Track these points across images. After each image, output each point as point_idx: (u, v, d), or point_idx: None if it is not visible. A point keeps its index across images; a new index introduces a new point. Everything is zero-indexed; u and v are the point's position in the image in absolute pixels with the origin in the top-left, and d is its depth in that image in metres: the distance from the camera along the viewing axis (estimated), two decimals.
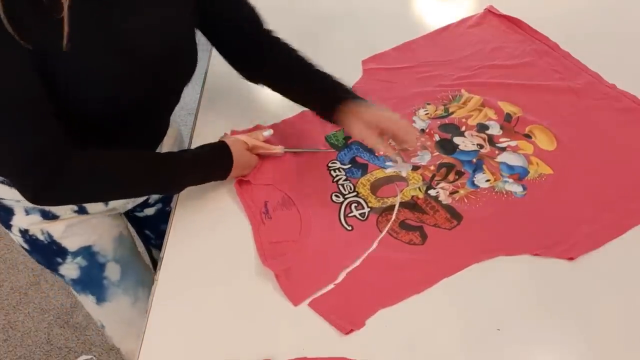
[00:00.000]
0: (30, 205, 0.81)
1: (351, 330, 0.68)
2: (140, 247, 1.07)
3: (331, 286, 0.73)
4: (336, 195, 0.84)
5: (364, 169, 0.88)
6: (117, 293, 0.94)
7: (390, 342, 0.67)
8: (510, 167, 0.87)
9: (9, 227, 0.86)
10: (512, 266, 0.73)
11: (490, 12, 1.21)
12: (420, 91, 1.03)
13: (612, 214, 0.78)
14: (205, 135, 0.94)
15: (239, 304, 0.72)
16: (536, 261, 0.74)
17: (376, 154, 0.90)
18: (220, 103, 1.03)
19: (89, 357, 1.53)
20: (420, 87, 1.04)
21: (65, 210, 0.84)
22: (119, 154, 0.73)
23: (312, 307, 0.71)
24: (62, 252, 0.87)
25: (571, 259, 0.73)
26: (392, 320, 0.69)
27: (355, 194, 0.84)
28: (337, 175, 0.88)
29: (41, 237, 0.85)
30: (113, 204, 0.89)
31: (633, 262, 0.73)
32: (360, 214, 0.82)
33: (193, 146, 0.94)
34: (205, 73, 1.09)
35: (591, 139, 0.90)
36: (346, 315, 0.69)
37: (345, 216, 0.82)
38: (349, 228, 0.80)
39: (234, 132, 0.95)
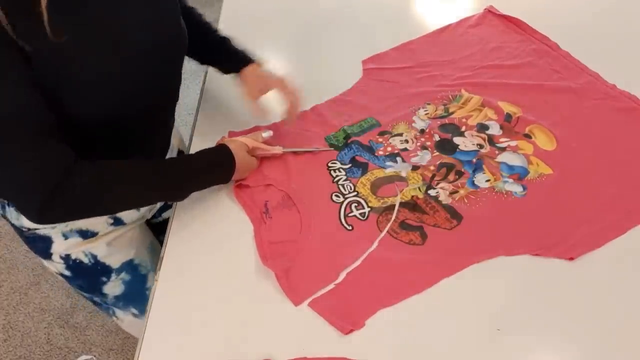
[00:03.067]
0: (66, 228, 0.81)
1: (351, 330, 0.68)
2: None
3: (331, 286, 0.73)
4: (336, 195, 0.84)
5: (364, 168, 0.88)
6: None
7: (390, 342, 0.67)
8: (510, 167, 0.87)
9: (49, 256, 0.85)
10: (512, 266, 0.73)
11: (490, 12, 1.21)
12: (420, 91, 1.03)
13: (612, 214, 0.78)
14: (205, 135, 0.94)
15: (239, 303, 0.72)
16: (536, 261, 0.74)
17: (376, 154, 0.90)
18: (220, 103, 1.03)
19: (89, 357, 1.53)
20: (420, 87, 1.04)
21: (102, 225, 0.84)
22: (123, 164, 0.70)
23: (312, 307, 0.71)
24: (106, 270, 0.88)
25: (571, 259, 0.73)
26: (392, 320, 0.69)
27: (355, 193, 0.84)
28: (337, 176, 0.88)
29: (85, 260, 0.85)
30: (143, 211, 0.89)
31: (633, 262, 0.73)
32: (360, 214, 0.82)
33: (193, 146, 0.94)
34: (206, 73, 1.09)
35: (591, 139, 0.90)
36: (346, 315, 0.69)
37: (346, 216, 0.82)
38: (349, 228, 0.80)
39: (231, 133, 0.95)
